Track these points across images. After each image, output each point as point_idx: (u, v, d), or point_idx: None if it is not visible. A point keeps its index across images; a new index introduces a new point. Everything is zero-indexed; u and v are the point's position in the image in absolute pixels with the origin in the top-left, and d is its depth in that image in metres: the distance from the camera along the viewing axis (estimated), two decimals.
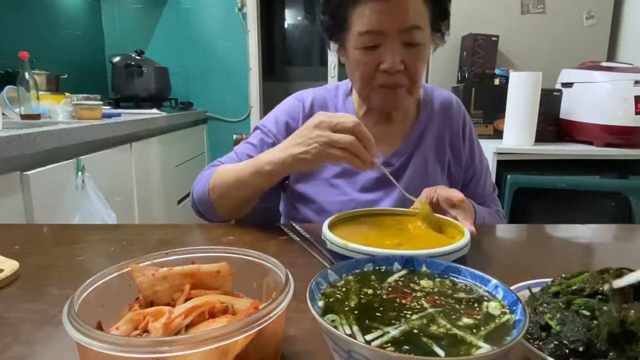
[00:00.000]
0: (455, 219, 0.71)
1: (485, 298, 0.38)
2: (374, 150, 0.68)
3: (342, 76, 2.89)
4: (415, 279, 0.43)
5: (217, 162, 0.99)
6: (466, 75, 2.15)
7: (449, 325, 0.34)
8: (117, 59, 2.70)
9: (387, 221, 0.72)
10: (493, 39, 2.12)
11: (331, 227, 0.66)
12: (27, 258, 0.62)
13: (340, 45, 0.91)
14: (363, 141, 0.66)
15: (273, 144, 0.97)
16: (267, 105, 3.57)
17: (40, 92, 1.68)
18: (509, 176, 1.80)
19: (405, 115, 0.99)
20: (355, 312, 0.37)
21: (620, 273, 0.40)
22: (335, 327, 0.33)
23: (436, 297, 0.39)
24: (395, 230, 0.69)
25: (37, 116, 1.64)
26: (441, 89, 1.07)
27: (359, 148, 0.66)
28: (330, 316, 0.36)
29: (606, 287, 0.35)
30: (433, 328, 0.34)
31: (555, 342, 0.36)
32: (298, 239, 0.73)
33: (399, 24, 0.80)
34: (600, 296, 0.38)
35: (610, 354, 0.34)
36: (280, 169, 0.74)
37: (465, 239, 0.60)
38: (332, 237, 0.60)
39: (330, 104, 1.00)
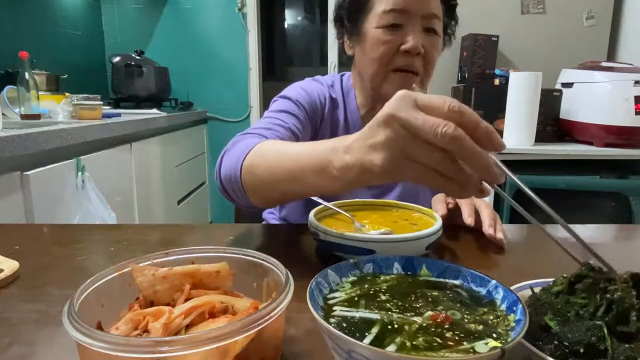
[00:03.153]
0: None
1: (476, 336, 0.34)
2: (488, 166, 0.40)
3: None
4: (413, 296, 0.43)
5: (254, 132, 0.76)
6: (466, 75, 2.15)
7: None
8: (117, 59, 2.70)
9: (367, 213, 0.74)
10: (493, 39, 2.12)
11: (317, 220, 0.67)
12: (27, 258, 0.62)
13: (354, 30, 0.89)
14: (467, 152, 0.39)
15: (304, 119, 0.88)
16: (267, 105, 3.56)
17: (40, 92, 1.68)
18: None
19: None
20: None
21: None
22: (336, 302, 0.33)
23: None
24: (378, 218, 0.72)
25: (37, 116, 1.64)
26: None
27: (455, 171, 0.41)
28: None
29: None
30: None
31: (555, 342, 0.36)
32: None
33: (423, 7, 0.82)
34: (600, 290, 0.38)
35: (610, 353, 0.34)
36: (350, 178, 0.49)
37: (437, 224, 0.64)
38: (325, 228, 0.62)
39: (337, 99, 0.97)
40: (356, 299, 0.39)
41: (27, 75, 1.59)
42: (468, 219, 0.72)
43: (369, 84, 0.91)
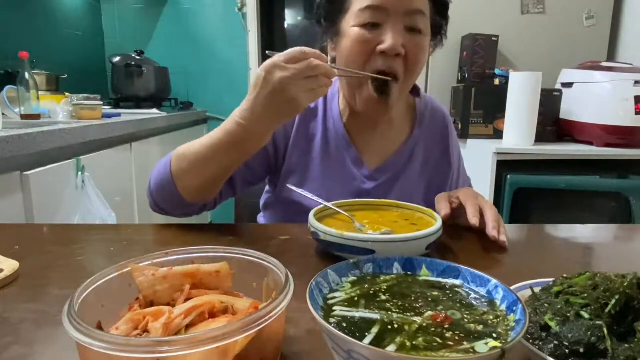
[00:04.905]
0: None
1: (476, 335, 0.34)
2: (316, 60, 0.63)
3: None
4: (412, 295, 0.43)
5: None
6: (466, 75, 2.15)
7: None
8: (117, 59, 2.70)
9: (366, 213, 0.75)
10: (493, 39, 2.12)
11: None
12: (27, 258, 0.62)
13: (333, 30, 0.84)
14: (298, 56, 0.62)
15: None
16: None
17: (40, 92, 1.68)
18: (509, 176, 1.81)
19: (392, 123, 0.93)
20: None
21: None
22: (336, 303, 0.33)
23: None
24: (378, 218, 0.72)
25: (37, 116, 1.64)
26: (435, 100, 1.03)
27: (310, 70, 0.62)
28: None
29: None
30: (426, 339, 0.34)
31: (555, 342, 0.36)
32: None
33: (404, 3, 0.76)
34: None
35: (610, 353, 0.34)
36: (262, 132, 0.68)
37: (437, 224, 0.64)
38: (325, 228, 0.62)
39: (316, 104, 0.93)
40: (356, 299, 0.39)
41: (27, 75, 1.59)
42: (473, 219, 0.71)
43: (348, 85, 0.86)
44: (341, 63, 0.83)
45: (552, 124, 1.98)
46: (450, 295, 0.40)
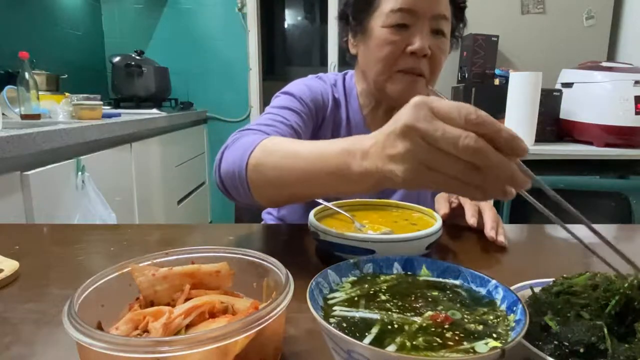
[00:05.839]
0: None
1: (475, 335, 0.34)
2: (513, 175, 0.40)
3: None
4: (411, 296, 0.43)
5: (254, 127, 0.74)
6: (466, 75, 2.15)
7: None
8: (117, 59, 2.70)
9: (366, 213, 0.74)
10: (493, 39, 2.12)
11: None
12: (27, 258, 0.62)
13: (359, 28, 0.87)
14: (489, 163, 0.39)
15: (307, 116, 0.86)
16: (267, 105, 3.57)
17: (40, 92, 1.68)
18: None
19: None
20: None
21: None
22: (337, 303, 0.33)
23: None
24: (378, 218, 0.72)
25: (37, 116, 1.64)
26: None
27: (479, 180, 0.40)
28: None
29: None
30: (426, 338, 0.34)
31: (555, 342, 0.36)
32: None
33: (432, 7, 0.81)
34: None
35: (610, 353, 0.34)
36: (369, 184, 0.48)
37: (437, 224, 0.64)
38: (325, 228, 0.62)
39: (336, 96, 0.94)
40: (356, 299, 0.39)
41: (27, 75, 1.59)
42: (471, 219, 0.72)
43: (372, 84, 0.89)
44: (367, 61, 0.87)
45: (552, 123, 1.98)
46: (450, 295, 0.40)
